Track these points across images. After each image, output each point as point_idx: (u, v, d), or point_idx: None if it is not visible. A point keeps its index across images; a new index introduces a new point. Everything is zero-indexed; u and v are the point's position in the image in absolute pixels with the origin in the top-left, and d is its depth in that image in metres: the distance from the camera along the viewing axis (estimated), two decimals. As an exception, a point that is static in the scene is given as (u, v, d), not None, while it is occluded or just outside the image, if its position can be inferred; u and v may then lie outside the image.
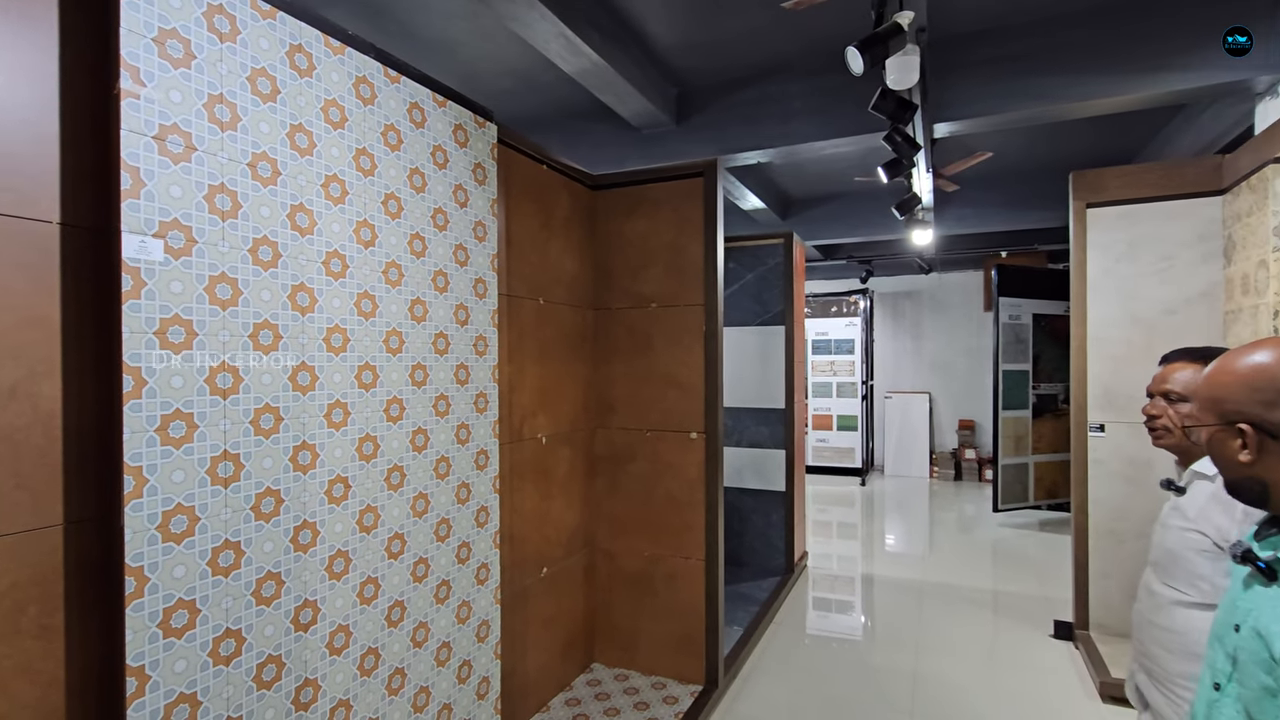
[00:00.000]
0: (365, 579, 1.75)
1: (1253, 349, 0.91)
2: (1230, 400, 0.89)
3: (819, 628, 3.91)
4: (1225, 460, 0.93)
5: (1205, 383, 0.95)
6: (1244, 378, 0.88)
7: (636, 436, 3.09)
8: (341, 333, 1.69)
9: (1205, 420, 0.94)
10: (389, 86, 1.84)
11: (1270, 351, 0.88)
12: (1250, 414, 0.87)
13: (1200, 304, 3.33)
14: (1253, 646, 0.86)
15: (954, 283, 9.11)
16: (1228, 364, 0.92)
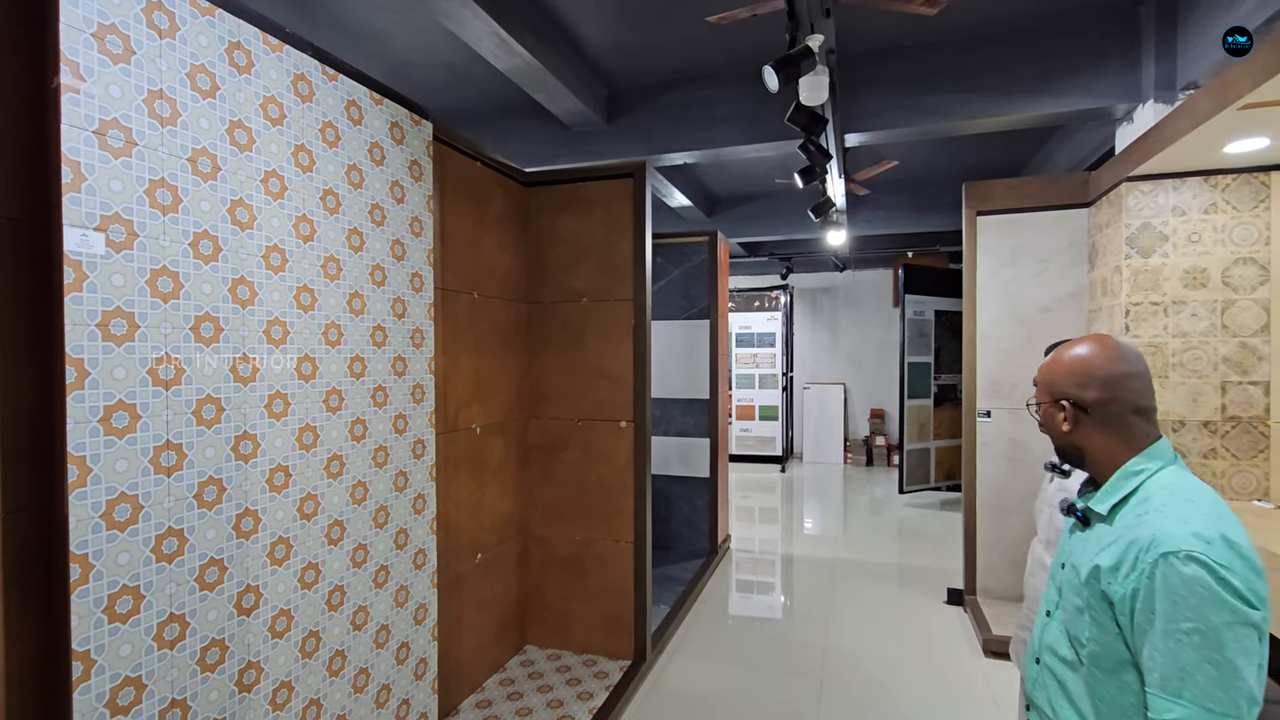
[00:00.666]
0: (306, 564, 1.80)
1: (1076, 344, 1.12)
2: (1056, 383, 1.11)
3: (739, 605, 4.17)
4: (1053, 430, 1.13)
5: (1041, 369, 1.17)
6: (1066, 366, 1.10)
7: (569, 426, 3.21)
8: (281, 325, 1.73)
9: (1041, 399, 1.16)
10: (327, 84, 1.88)
11: (1086, 346, 1.10)
12: (1069, 393, 1.09)
13: (1070, 303, 3.77)
14: (1070, 577, 1.08)
15: (867, 280, 9.67)
16: (1058, 355, 1.14)
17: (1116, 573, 0.97)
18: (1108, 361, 1.05)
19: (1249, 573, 0.89)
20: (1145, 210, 3.21)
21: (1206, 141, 2.73)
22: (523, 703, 2.75)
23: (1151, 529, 0.95)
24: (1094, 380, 1.06)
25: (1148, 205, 3.21)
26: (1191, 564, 0.89)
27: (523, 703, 2.75)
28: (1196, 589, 0.88)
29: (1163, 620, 0.89)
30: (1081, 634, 1.02)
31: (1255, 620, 0.87)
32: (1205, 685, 0.86)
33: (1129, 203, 3.23)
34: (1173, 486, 1.00)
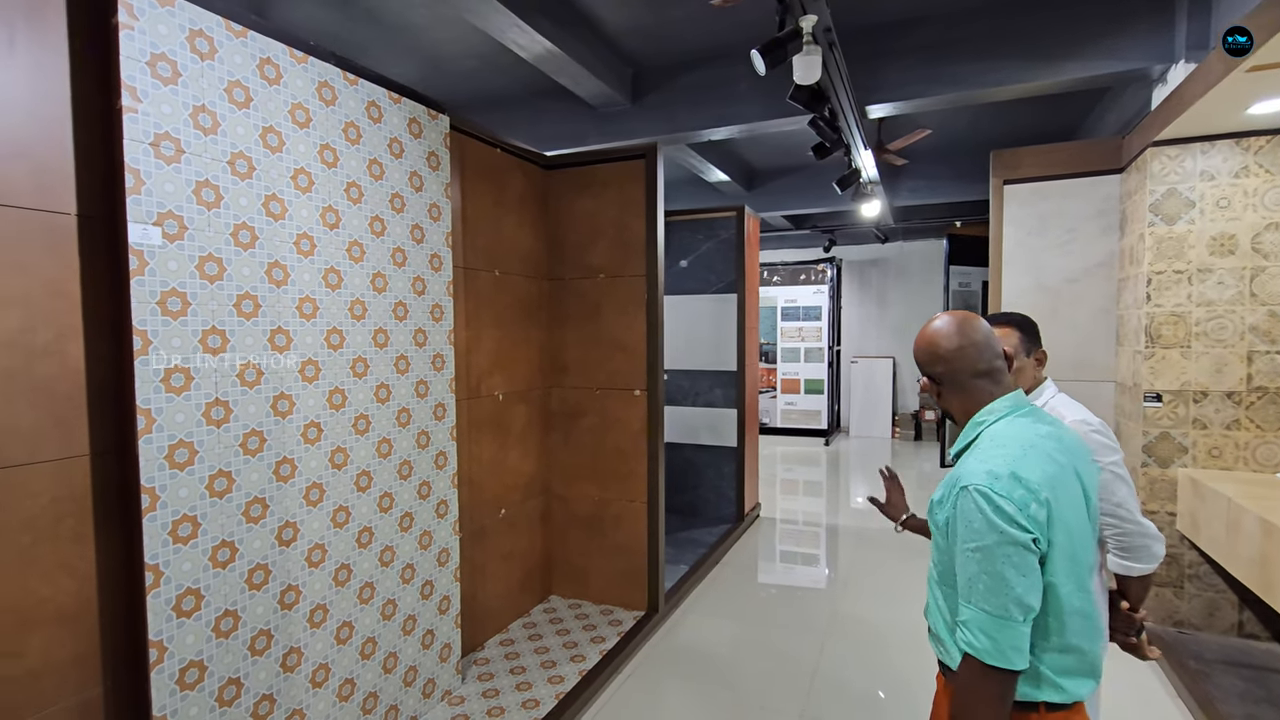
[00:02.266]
0: (337, 507, 2.10)
1: (926, 326, 1.28)
2: (918, 362, 1.29)
3: (760, 570, 4.35)
4: (942, 401, 1.29)
5: (916, 350, 1.32)
6: (920, 348, 1.28)
7: (586, 394, 3.44)
8: (312, 302, 2.01)
9: (919, 373, 1.35)
10: (348, 88, 2.13)
11: (931, 328, 1.25)
12: (926, 370, 1.27)
13: (1099, 273, 3.69)
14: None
15: (917, 251, 9.45)
16: (917, 338, 1.30)
17: (942, 505, 1.16)
18: (945, 338, 1.22)
19: (1028, 501, 1.05)
20: (1171, 176, 3.12)
21: (1227, 104, 2.64)
22: (541, 643, 3.04)
23: (962, 468, 1.13)
24: (937, 357, 1.23)
25: (1174, 170, 3.11)
26: (975, 494, 1.06)
27: (541, 643, 3.04)
28: (976, 514, 1.06)
29: (960, 540, 1.09)
30: (934, 556, 1.22)
31: (1022, 540, 1.03)
32: (984, 592, 1.04)
33: (1154, 168, 3.14)
34: (995, 434, 1.16)
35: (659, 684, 2.85)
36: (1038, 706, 1.11)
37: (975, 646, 1.04)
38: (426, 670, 2.49)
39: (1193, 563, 3.17)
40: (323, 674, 2.06)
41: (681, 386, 5.10)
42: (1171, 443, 3.20)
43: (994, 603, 1.03)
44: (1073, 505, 1.12)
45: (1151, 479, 3.23)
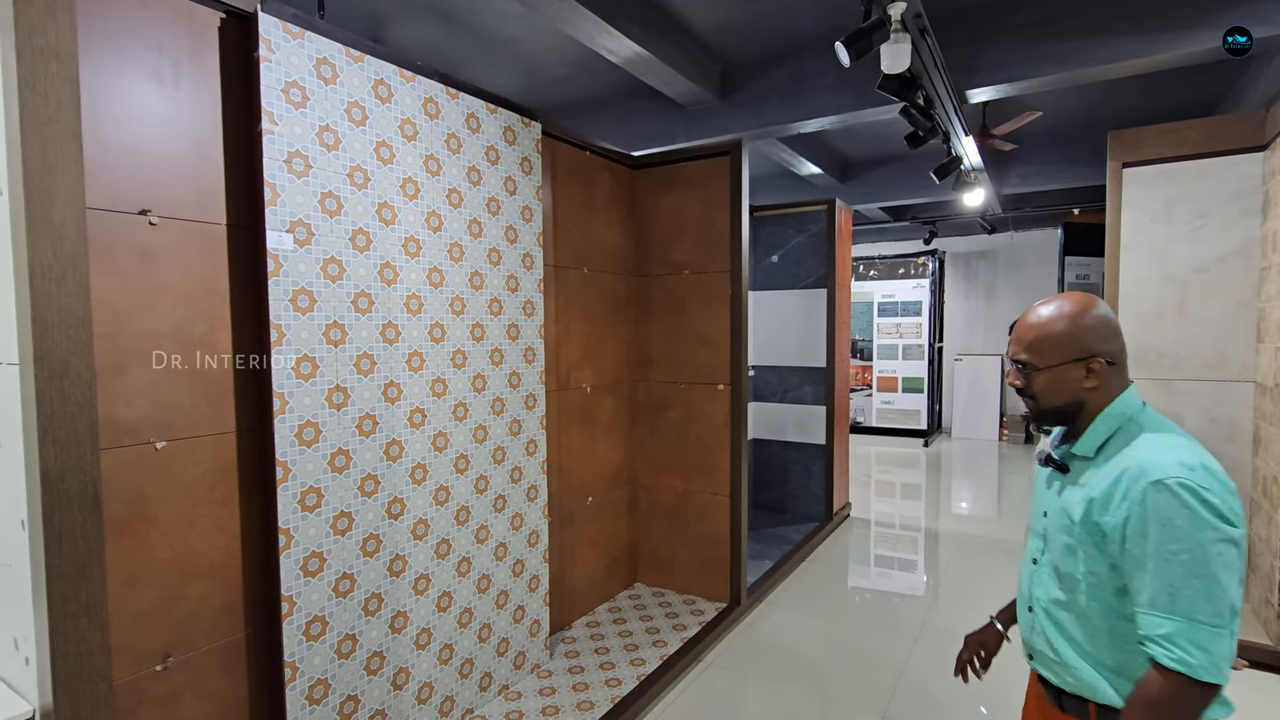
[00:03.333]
0: (438, 486, 2.30)
1: (1072, 301, 1.12)
2: (1081, 341, 1.09)
3: (849, 571, 4.26)
4: (1062, 390, 1.12)
5: (1044, 329, 1.13)
6: (1089, 323, 1.10)
7: (672, 388, 3.52)
8: (417, 298, 2.21)
9: (1052, 360, 1.12)
10: (450, 102, 2.32)
11: (1088, 302, 1.11)
12: (1100, 349, 1.09)
13: (1234, 261, 3.34)
14: (1058, 521, 1.14)
15: (1030, 241, 8.82)
16: (1070, 314, 1.11)
17: (1108, 504, 1.03)
18: (1111, 315, 1.12)
19: (1226, 494, 0.96)
20: (1325, 152, 2.78)
21: (1393, 68, 2.33)
22: (625, 627, 3.16)
23: (1139, 460, 1.02)
24: (1115, 333, 1.11)
25: (1328, 146, 2.77)
26: (1178, 489, 0.95)
27: (625, 627, 3.16)
28: (1180, 511, 0.94)
29: (1154, 543, 0.96)
30: (1075, 570, 1.08)
31: (1235, 537, 0.94)
32: (1193, 598, 0.93)
33: (1303, 144, 2.81)
34: (1153, 423, 1.08)
35: (738, 675, 2.88)
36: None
37: (1189, 663, 0.92)
38: (517, 643, 2.66)
39: (1348, 586, 2.82)
40: (425, 638, 2.26)
41: (769, 382, 5.07)
42: (1322, 450, 2.85)
43: (1208, 610, 0.92)
44: None
45: (1297, 490, 2.90)
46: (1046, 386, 1.14)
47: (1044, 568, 1.18)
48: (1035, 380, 1.15)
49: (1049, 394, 1.14)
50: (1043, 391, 1.14)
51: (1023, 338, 1.16)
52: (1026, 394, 1.17)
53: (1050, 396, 1.14)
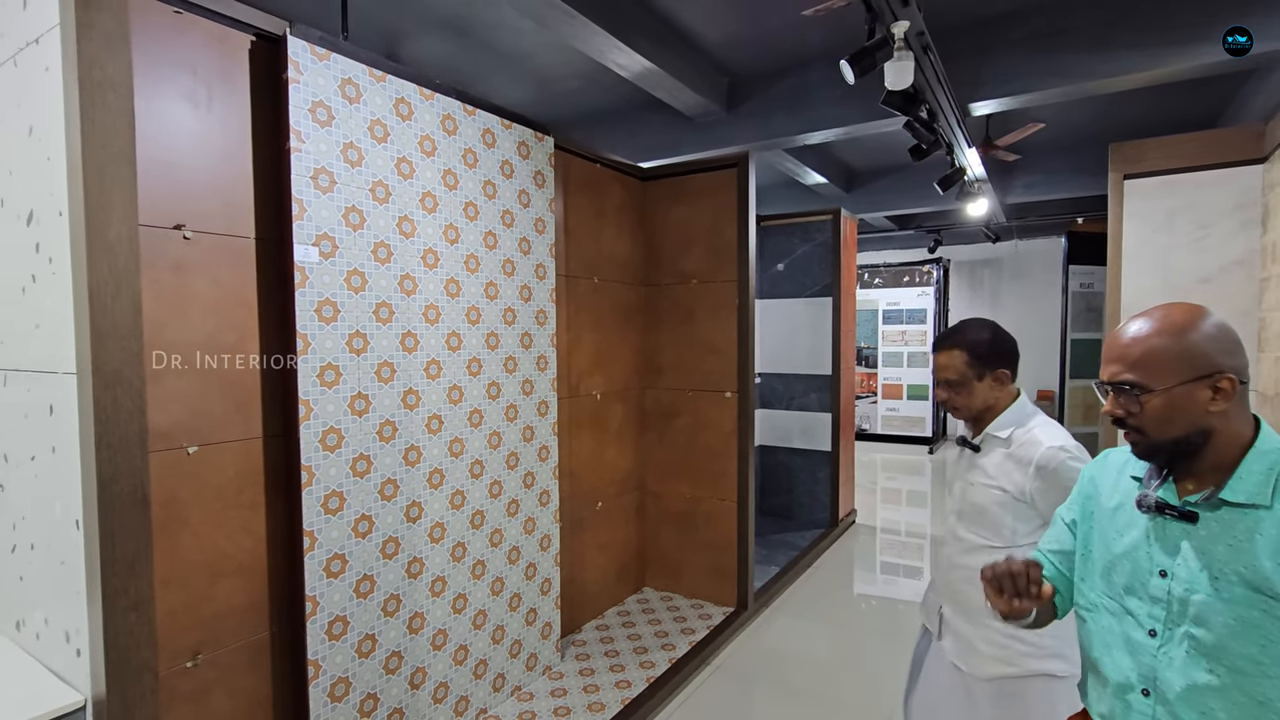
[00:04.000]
0: (454, 490, 2.36)
1: (1183, 311, 0.93)
2: (1204, 356, 0.90)
3: (854, 577, 4.30)
4: (1185, 414, 0.91)
5: (1158, 345, 0.92)
6: (1207, 334, 0.90)
7: (680, 395, 3.58)
8: (435, 309, 2.28)
9: (1169, 381, 0.91)
10: (467, 119, 2.39)
11: (1202, 311, 0.94)
12: (1227, 365, 0.89)
13: (1236, 272, 3.38)
14: (1218, 587, 0.89)
15: (1034, 250, 8.87)
16: (1181, 326, 0.92)
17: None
18: (1230, 326, 0.93)
19: None
20: (1323, 165, 2.83)
21: (1388, 84, 2.39)
22: (634, 630, 3.21)
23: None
24: (1239, 346, 0.91)
25: (1327, 159, 2.82)
26: None
27: (634, 630, 3.21)
28: None
29: None
30: (1258, 652, 0.86)
31: None
32: None
33: (1302, 157, 2.86)
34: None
35: (745, 679, 2.93)
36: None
37: None
38: (530, 645, 2.72)
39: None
40: (441, 638, 2.32)
41: (775, 390, 5.13)
42: (1324, 459, 2.89)
43: None
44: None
45: (1298, 498, 2.93)
46: (1163, 413, 0.92)
47: (1179, 644, 0.93)
48: (1147, 406, 0.92)
49: (1166, 422, 0.92)
50: (1158, 419, 0.92)
51: (1125, 355, 0.94)
52: (1130, 425, 0.95)
53: (1167, 426, 0.92)
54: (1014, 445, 1.54)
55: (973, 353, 1.57)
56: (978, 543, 1.59)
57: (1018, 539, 1.54)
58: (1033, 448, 1.51)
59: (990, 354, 1.57)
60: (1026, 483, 1.50)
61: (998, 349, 1.58)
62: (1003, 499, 1.53)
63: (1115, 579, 1.01)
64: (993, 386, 1.59)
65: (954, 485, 1.70)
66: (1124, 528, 1.01)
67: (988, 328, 1.61)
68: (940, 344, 1.63)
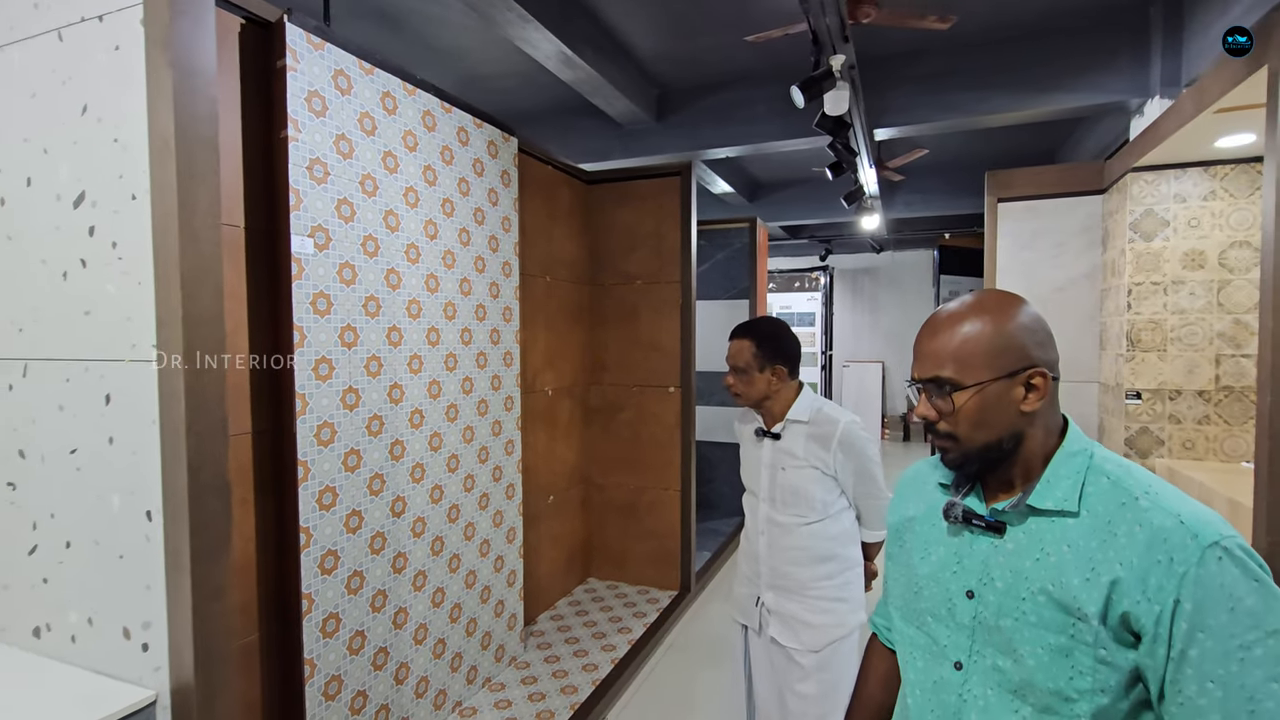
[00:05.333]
0: (434, 485, 2.37)
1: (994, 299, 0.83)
2: (1016, 350, 0.79)
3: (774, 554, 4.66)
4: (997, 416, 0.80)
5: (966, 339, 0.80)
6: (1021, 325, 0.80)
7: (625, 391, 3.74)
8: (417, 303, 2.29)
9: (978, 377, 0.79)
10: (444, 116, 2.42)
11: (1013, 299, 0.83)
12: (1041, 359, 0.79)
13: (1084, 283, 4.08)
14: (1027, 609, 0.76)
15: (907, 261, 9.88)
16: (994, 318, 0.80)
17: (1145, 584, 0.69)
18: (1041, 315, 0.84)
19: None
20: (1149, 198, 3.51)
21: (1198, 138, 3.03)
22: (589, 618, 3.32)
23: (1176, 515, 0.70)
24: (1051, 339, 0.82)
25: (1151, 193, 3.50)
26: (1241, 556, 0.67)
27: (589, 618, 3.32)
28: (1250, 589, 0.65)
29: (1220, 637, 0.65)
30: (1068, 685, 0.73)
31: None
32: (1276, 714, 0.63)
33: (1133, 190, 3.53)
34: (1127, 465, 0.79)
35: (697, 654, 3.14)
36: None
37: None
38: (498, 636, 2.76)
39: (1169, 543, 3.54)
40: (422, 633, 2.33)
41: (698, 387, 5.40)
42: (1150, 436, 3.58)
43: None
44: None
45: (1132, 468, 3.60)
46: (976, 414, 0.80)
47: (985, 679, 0.80)
48: (961, 406, 0.80)
49: (980, 425, 0.80)
50: (972, 421, 0.80)
51: (939, 349, 0.82)
52: (940, 428, 0.83)
53: (981, 429, 0.80)
54: (812, 425, 1.69)
55: (759, 341, 1.70)
56: (796, 522, 1.70)
57: (830, 510, 1.70)
58: (831, 425, 1.67)
59: (774, 350, 1.70)
60: (830, 457, 1.67)
61: (782, 348, 1.71)
62: (815, 476, 1.68)
63: (921, 604, 0.88)
64: (771, 380, 1.71)
65: (759, 476, 1.79)
66: (930, 545, 0.89)
67: (778, 326, 1.75)
68: (734, 334, 1.75)
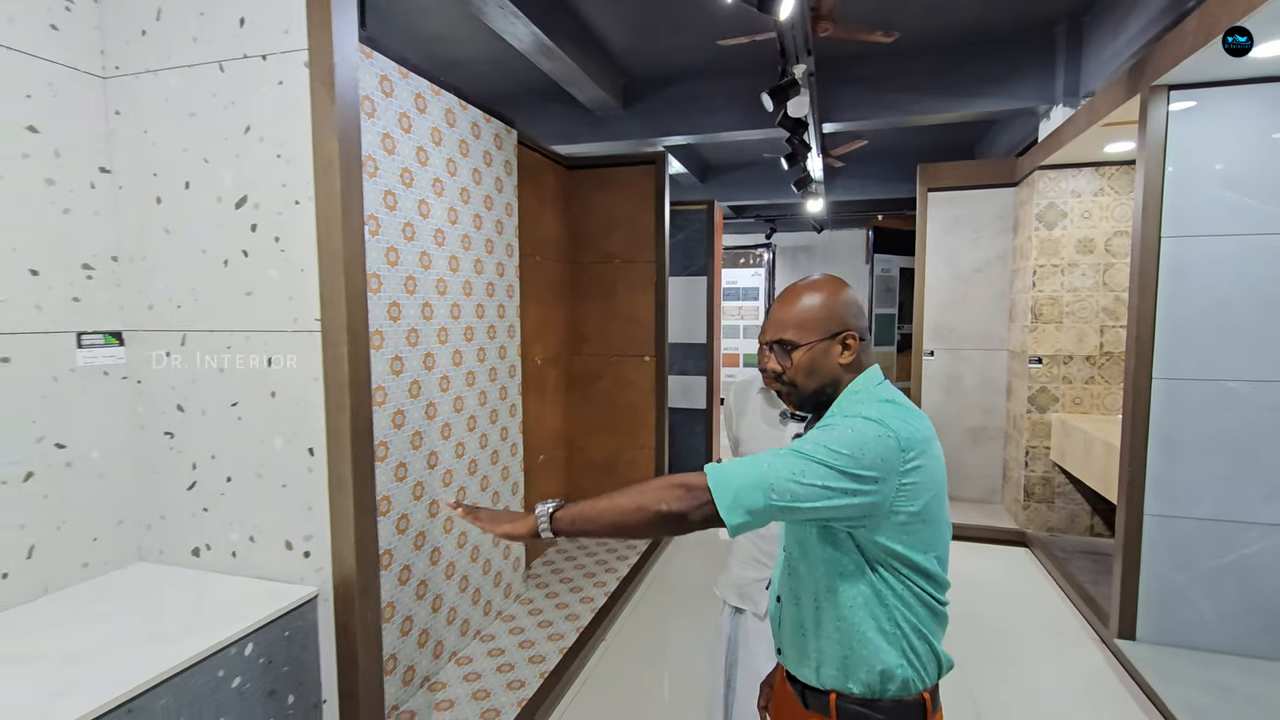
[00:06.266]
0: (458, 442, 2.70)
1: (825, 283, 1.11)
2: (837, 317, 1.08)
3: (732, 506, 5.18)
4: (821, 366, 1.07)
5: (800, 310, 1.09)
6: (841, 300, 1.09)
7: (604, 360, 4.11)
8: (443, 281, 2.58)
9: (809, 338, 1.07)
10: (462, 112, 2.69)
11: (835, 283, 1.11)
12: (854, 325, 1.08)
13: (997, 264, 4.71)
14: None
15: (843, 240, 10.56)
16: (821, 294, 1.09)
17: None
18: (856, 297, 1.12)
19: (886, 431, 0.96)
20: (1051, 192, 4.13)
21: (1090, 144, 3.62)
22: (578, 562, 3.73)
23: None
24: (862, 312, 1.11)
25: (1053, 188, 4.12)
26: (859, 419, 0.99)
27: (578, 562, 3.73)
28: (845, 421, 1.00)
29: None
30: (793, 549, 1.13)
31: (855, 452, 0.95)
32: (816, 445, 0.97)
33: (1039, 185, 4.14)
34: (875, 402, 1.04)
35: (675, 589, 3.61)
36: None
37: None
38: (506, 576, 3.13)
39: (1061, 484, 4.25)
40: (451, 569, 2.67)
41: (658, 357, 5.83)
42: (1048, 394, 4.25)
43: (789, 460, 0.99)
44: None
45: (1033, 422, 4.28)
46: (808, 366, 1.08)
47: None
48: (796, 360, 1.08)
49: (810, 374, 1.08)
50: (804, 371, 1.08)
51: (783, 318, 1.10)
52: (784, 379, 1.10)
53: (811, 377, 1.08)
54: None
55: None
56: None
57: None
58: None
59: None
60: None
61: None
62: None
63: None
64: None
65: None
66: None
67: None
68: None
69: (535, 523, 1.03)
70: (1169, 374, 2.68)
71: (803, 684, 1.10)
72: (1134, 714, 2.49)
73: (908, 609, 1.01)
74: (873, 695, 1.03)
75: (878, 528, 0.97)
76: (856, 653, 1.02)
